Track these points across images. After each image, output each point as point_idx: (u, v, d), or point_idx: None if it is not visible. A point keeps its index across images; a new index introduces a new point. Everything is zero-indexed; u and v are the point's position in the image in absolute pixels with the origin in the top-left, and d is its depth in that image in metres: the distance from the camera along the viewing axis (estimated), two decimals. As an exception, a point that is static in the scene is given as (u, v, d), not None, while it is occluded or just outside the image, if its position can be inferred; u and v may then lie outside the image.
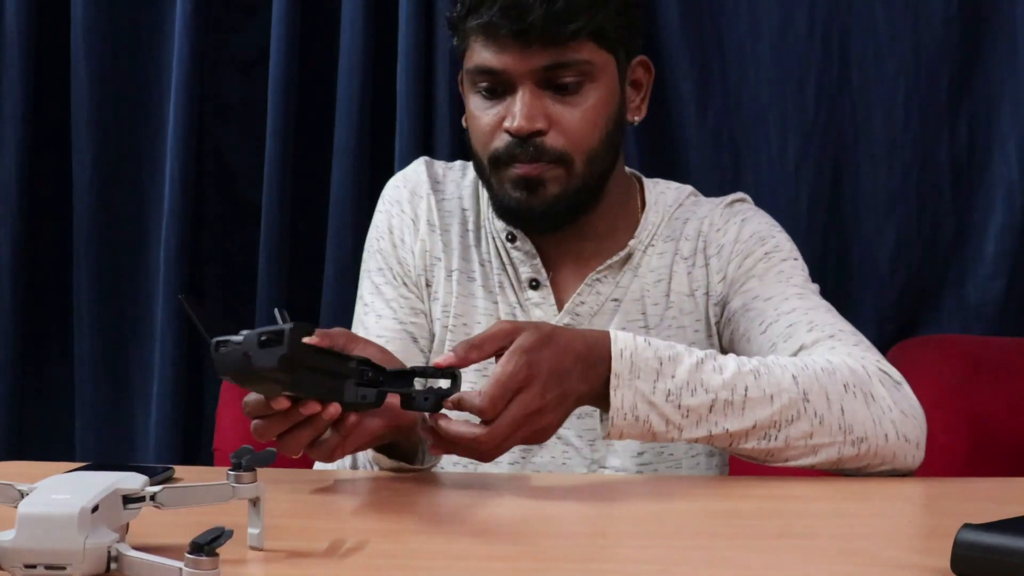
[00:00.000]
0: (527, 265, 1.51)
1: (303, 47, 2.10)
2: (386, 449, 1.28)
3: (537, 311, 1.50)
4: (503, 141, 1.42)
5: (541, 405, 1.15)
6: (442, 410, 1.14)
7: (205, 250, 2.17)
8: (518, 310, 1.50)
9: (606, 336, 1.22)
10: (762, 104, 2.09)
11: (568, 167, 1.42)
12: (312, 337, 1.05)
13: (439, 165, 1.60)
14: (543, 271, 1.50)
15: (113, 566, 0.86)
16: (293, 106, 2.10)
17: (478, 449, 1.14)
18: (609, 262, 1.50)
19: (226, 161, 2.17)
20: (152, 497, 0.92)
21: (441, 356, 1.16)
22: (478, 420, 1.15)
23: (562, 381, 1.17)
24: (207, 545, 0.83)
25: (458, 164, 1.60)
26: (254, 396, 1.10)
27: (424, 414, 1.15)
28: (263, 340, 0.99)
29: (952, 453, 1.85)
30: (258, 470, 0.95)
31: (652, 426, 1.21)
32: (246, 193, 2.15)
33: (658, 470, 1.47)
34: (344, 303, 2.00)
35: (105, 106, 2.15)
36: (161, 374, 2.12)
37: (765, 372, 1.26)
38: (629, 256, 1.52)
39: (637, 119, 1.52)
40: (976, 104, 2.07)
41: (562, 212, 1.45)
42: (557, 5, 1.36)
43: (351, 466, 1.48)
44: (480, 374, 1.46)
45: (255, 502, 0.95)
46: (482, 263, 1.53)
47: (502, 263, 1.52)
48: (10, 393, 2.14)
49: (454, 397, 1.13)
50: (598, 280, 1.51)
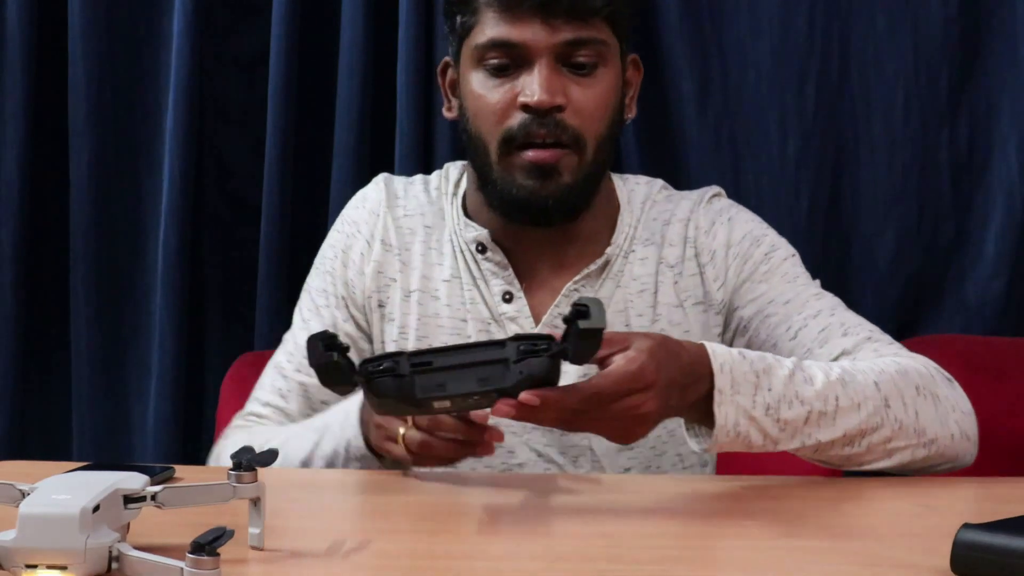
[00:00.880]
0: (499, 277, 1.47)
1: (303, 47, 2.10)
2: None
3: (512, 326, 1.46)
4: (518, 119, 1.39)
5: (648, 412, 1.14)
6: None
7: (205, 250, 2.17)
8: (493, 326, 1.46)
9: (703, 349, 1.21)
10: (762, 104, 2.09)
11: (581, 152, 1.40)
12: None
13: (399, 181, 1.57)
14: (516, 282, 1.46)
15: (114, 566, 0.86)
16: (293, 106, 2.10)
17: (572, 411, 1.11)
18: (587, 271, 1.47)
19: (226, 161, 2.17)
20: (153, 497, 0.92)
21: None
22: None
23: (671, 395, 1.16)
24: (208, 545, 0.83)
25: (419, 179, 1.57)
26: (416, 434, 1.17)
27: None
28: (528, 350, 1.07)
29: (952, 453, 1.85)
30: (258, 470, 0.95)
31: (751, 440, 1.20)
32: (246, 193, 2.15)
33: None
34: (344, 303, 2.00)
35: (104, 106, 2.15)
36: (161, 374, 2.11)
37: (850, 380, 1.26)
38: (608, 263, 1.48)
39: (629, 117, 1.50)
40: (976, 104, 2.07)
41: (572, 202, 1.42)
42: None
43: (342, 465, 1.49)
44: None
45: (256, 502, 0.95)
46: (448, 280, 1.48)
47: (472, 277, 1.48)
48: (10, 393, 2.14)
49: (602, 353, 1.12)
50: (576, 290, 1.47)
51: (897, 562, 0.99)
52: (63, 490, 0.88)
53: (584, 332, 1.06)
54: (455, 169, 1.57)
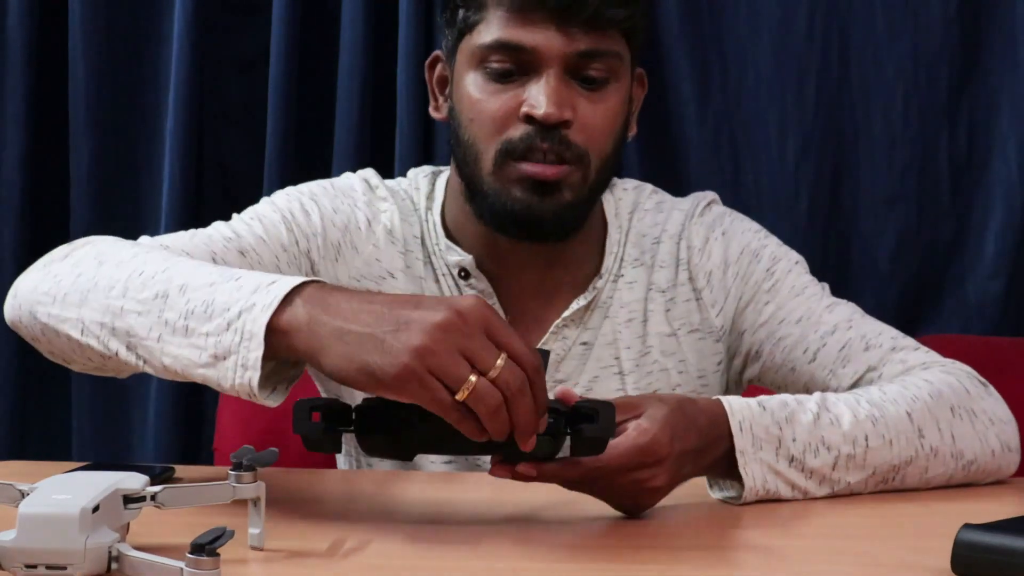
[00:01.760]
0: None
1: (303, 47, 2.10)
2: None
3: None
4: (520, 130, 1.28)
5: (658, 485, 1.08)
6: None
7: (205, 250, 2.17)
8: None
9: (720, 408, 1.14)
10: (762, 104, 2.09)
11: (585, 170, 1.30)
12: None
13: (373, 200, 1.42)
14: (501, 313, 1.35)
15: (114, 566, 0.86)
16: (293, 106, 2.10)
17: (574, 482, 1.06)
18: (575, 306, 1.37)
19: (226, 161, 2.17)
20: (153, 497, 0.92)
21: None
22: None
23: (684, 463, 1.09)
24: (208, 545, 0.83)
25: (388, 195, 1.42)
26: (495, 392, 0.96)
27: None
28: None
29: (952, 453, 1.84)
30: (258, 470, 0.95)
31: (780, 493, 1.16)
32: (246, 193, 2.14)
33: None
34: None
35: (104, 106, 2.15)
36: (161, 374, 2.11)
37: (880, 416, 1.21)
38: (596, 295, 1.38)
39: (631, 134, 1.40)
40: (976, 104, 2.07)
41: (569, 221, 1.32)
42: None
43: (350, 466, 1.48)
44: None
45: (256, 502, 0.95)
46: None
47: None
48: (10, 393, 2.14)
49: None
50: (564, 326, 1.37)
51: (897, 562, 0.98)
52: (63, 490, 0.88)
53: (588, 441, 1.01)
54: (424, 179, 1.43)
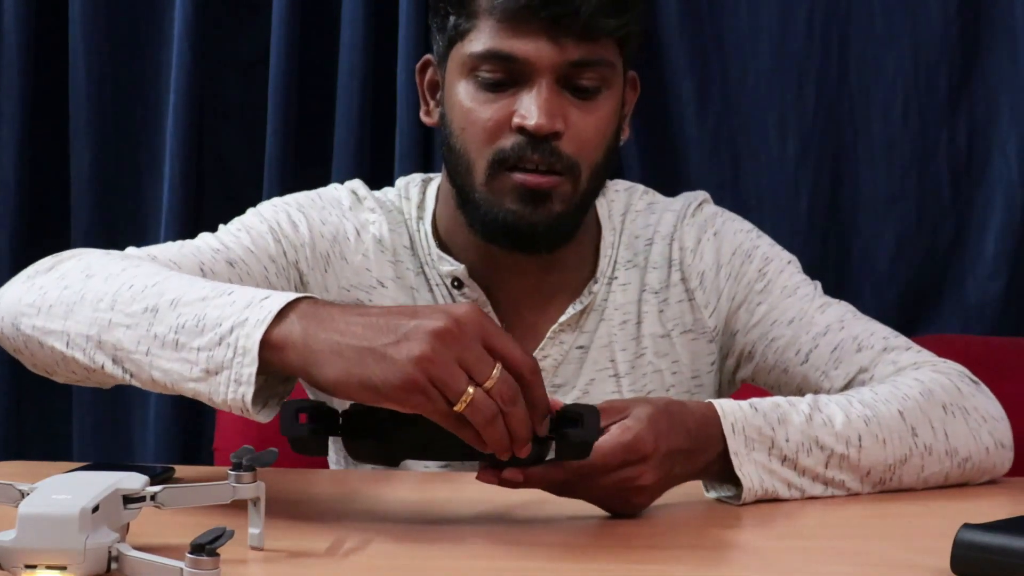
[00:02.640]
0: None
1: (303, 47, 2.10)
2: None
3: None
4: (512, 140, 1.27)
5: (646, 483, 1.07)
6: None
7: (205, 250, 2.17)
8: None
9: (712, 410, 1.14)
10: (762, 104, 2.09)
11: (575, 181, 1.29)
12: None
13: (360, 215, 1.41)
14: (496, 321, 1.31)
15: (114, 566, 0.86)
16: (293, 106, 2.10)
17: (560, 483, 1.06)
18: (571, 312, 1.37)
19: (226, 161, 2.17)
20: (153, 497, 0.92)
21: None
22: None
23: (674, 463, 1.09)
24: (208, 545, 0.83)
25: (377, 206, 1.41)
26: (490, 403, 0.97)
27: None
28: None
29: (952, 453, 1.85)
30: (258, 470, 0.95)
31: (778, 492, 1.17)
32: (246, 193, 2.15)
33: None
34: (344, 303, 2.00)
35: (104, 106, 2.15)
36: (161, 374, 2.11)
37: (872, 416, 1.21)
38: (592, 299, 1.39)
39: (624, 139, 1.38)
40: (976, 104, 2.07)
41: (561, 231, 1.32)
42: None
43: (341, 467, 1.48)
44: None
45: (255, 502, 0.95)
46: None
47: None
48: (10, 393, 2.14)
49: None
50: (561, 331, 1.38)
51: (897, 562, 0.98)
52: (63, 490, 0.88)
53: (574, 444, 1.01)
54: (415, 188, 1.43)
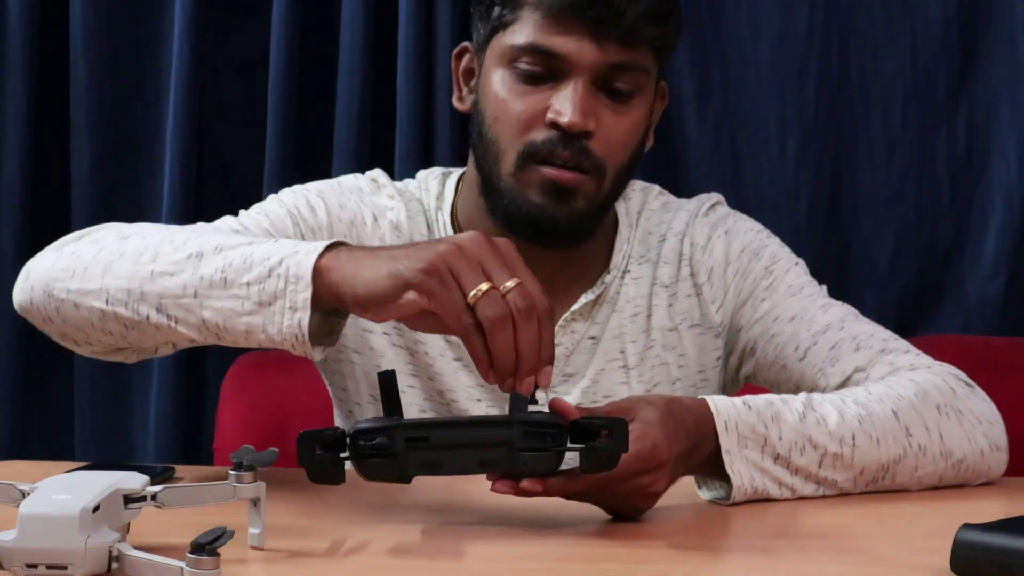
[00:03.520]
0: None
1: (303, 47, 2.10)
2: None
3: None
4: (544, 134, 1.29)
5: (658, 490, 1.08)
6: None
7: (205, 250, 2.17)
8: None
9: (705, 407, 1.14)
10: (762, 104, 2.09)
11: (600, 181, 1.31)
12: None
13: (379, 201, 1.43)
14: None
15: (114, 566, 0.86)
16: (293, 106, 2.10)
17: (576, 493, 1.06)
18: (584, 300, 1.39)
19: (226, 161, 2.17)
20: (153, 497, 0.92)
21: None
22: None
23: (679, 465, 1.09)
24: (208, 545, 0.83)
25: (397, 195, 1.43)
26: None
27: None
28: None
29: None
30: (258, 470, 0.95)
31: (769, 492, 1.17)
32: (246, 193, 2.14)
33: None
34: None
35: (105, 106, 2.15)
36: (161, 373, 2.11)
37: (867, 415, 1.21)
38: (605, 289, 1.40)
39: (648, 146, 1.41)
40: (975, 104, 2.08)
41: (581, 228, 1.34)
42: (645, 5, 1.27)
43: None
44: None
45: (256, 502, 0.95)
46: None
47: None
48: (11, 393, 2.14)
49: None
50: (573, 320, 1.39)
51: (897, 562, 0.99)
52: (63, 490, 0.88)
53: (603, 457, 1.00)
54: (435, 180, 1.45)
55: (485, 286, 1.00)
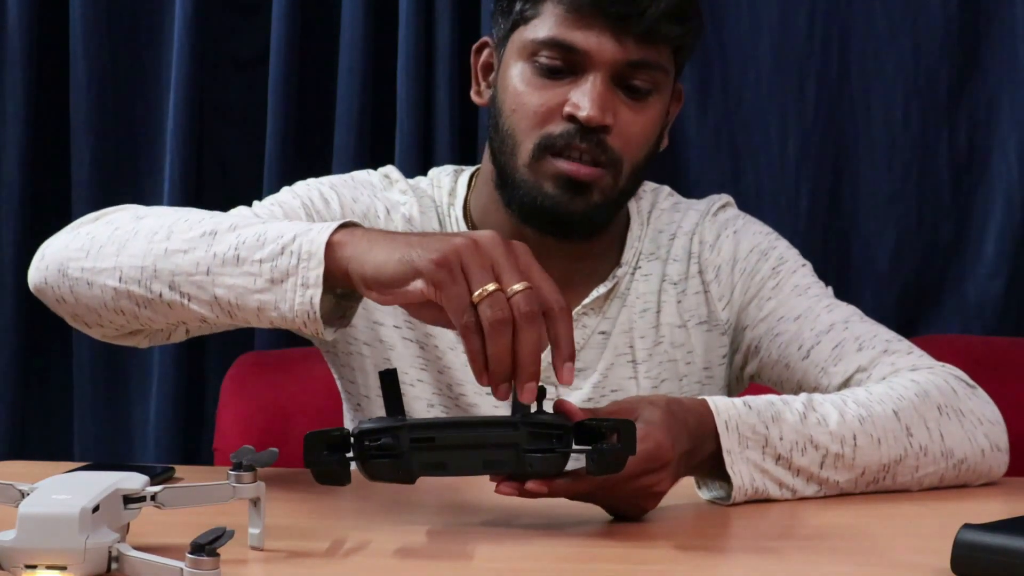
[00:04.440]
0: None
1: (303, 47, 2.10)
2: None
3: None
4: (560, 127, 1.30)
5: (662, 489, 1.08)
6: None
7: (205, 250, 2.17)
8: None
9: (706, 407, 1.14)
10: (762, 104, 2.09)
11: (616, 176, 1.33)
12: None
13: (390, 200, 1.44)
14: None
15: (114, 566, 0.86)
16: (293, 106, 2.10)
17: (582, 494, 1.06)
18: (595, 294, 1.40)
19: (226, 161, 2.17)
20: (153, 497, 0.92)
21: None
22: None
23: (682, 465, 1.10)
24: (208, 545, 0.83)
25: (410, 192, 1.44)
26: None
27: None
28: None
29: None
30: (258, 470, 0.95)
31: (769, 492, 1.17)
32: (246, 193, 2.14)
33: None
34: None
35: (105, 106, 2.15)
36: (161, 373, 2.11)
37: (867, 415, 1.21)
38: (616, 284, 1.42)
39: (663, 146, 1.42)
40: (976, 104, 2.08)
41: (595, 222, 1.36)
42: (667, 3, 1.28)
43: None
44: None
45: (255, 502, 0.95)
46: None
47: None
48: (11, 393, 2.14)
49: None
50: (584, 314, 1.40)
51: (897, 562, 0.99)
52: (63, 490, 0.88)
53: (611, 460, 1.00)
54: (447, 177, 1.46)
55: (491, 287, 1.00)
